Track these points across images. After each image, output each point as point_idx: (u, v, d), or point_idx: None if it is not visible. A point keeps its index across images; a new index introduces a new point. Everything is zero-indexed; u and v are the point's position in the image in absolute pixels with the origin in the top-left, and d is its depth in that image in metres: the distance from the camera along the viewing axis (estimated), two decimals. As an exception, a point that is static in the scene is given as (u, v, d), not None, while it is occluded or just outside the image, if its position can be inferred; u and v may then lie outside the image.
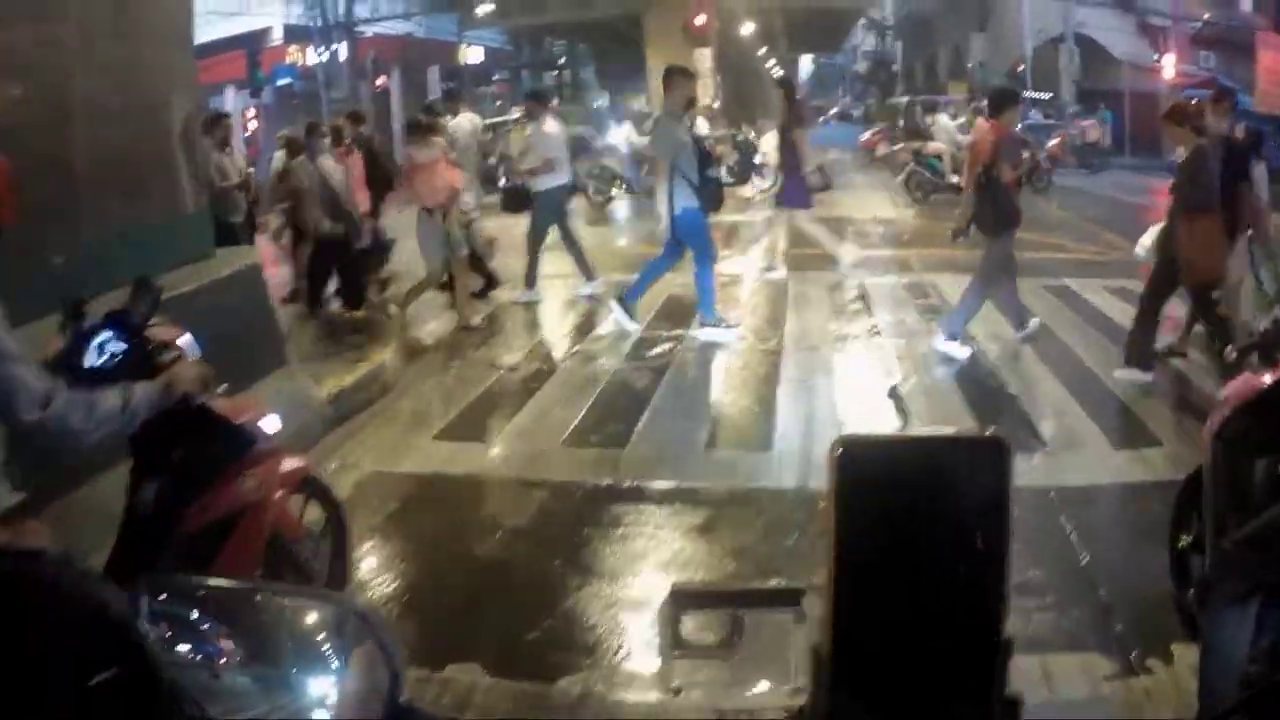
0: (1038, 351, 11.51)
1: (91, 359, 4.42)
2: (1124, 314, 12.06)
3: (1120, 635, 5.60)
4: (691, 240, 12.44)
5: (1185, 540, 5.45)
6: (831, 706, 1.75)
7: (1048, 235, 19.03)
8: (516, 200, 15.68)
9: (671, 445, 9.03)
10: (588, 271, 15.00)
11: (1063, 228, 21.27)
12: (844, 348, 12.15)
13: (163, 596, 2.91)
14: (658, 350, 11.97)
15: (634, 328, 12.70)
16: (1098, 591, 6.18)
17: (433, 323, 13.39)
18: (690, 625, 1.87)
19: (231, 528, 4.73)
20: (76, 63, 8.03)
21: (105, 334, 4.50)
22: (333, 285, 13.96)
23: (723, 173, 16.88)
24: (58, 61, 7.81)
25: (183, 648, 2.75)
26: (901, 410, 2.57)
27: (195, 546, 4.57)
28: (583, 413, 9.85)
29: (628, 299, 12.81)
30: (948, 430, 2.05)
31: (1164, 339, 10.88)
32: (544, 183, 14.63)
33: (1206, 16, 49.49)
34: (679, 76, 12.86)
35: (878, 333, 12.80)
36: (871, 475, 1.73)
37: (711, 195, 12.64)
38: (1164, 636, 5.32)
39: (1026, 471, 7.94)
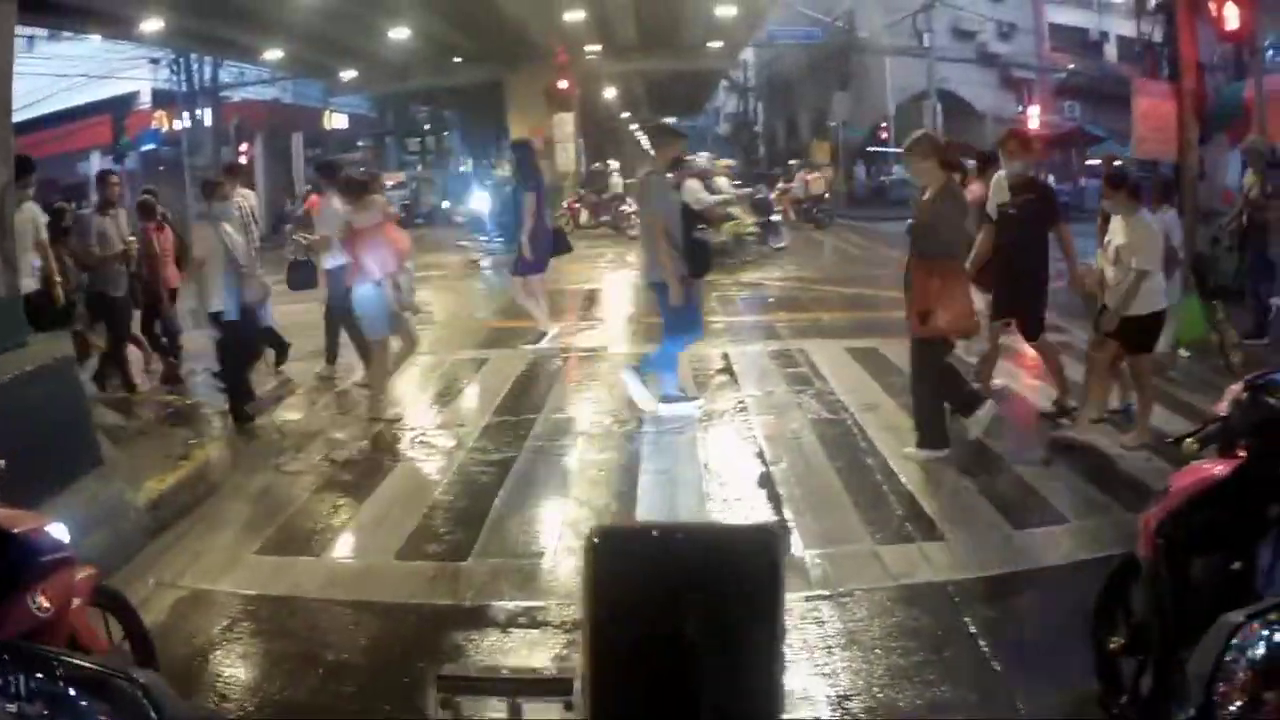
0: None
1: None
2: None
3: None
4: (665, 309, 11.61)
5: (1115, 642, 4.90)
6: None
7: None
8: (300, 276, 14.68)
9: (519, 555, 8.00)
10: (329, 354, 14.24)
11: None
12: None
13: None
14: (505, 437, 11.01)
15: (692, 407, 11.73)
16: (1015, 707, 5.49)
17: (270, 407, 12.45)
18: (466, 712, 1.78)
19: None
20: None
21: None
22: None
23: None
24: None
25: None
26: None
27: None
28: (419, 519, 8.81)
29: (664, 373, 11.80)
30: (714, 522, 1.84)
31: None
32: (327, 261, 13.52)
33: (1071, 66, 50.63)
34: (669, 135, 12.26)
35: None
36: (627, 566, 1.66)
37: (699, 258, 11.75)
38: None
39: (921, 565, 7.40)
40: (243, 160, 48.78)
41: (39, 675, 2.84)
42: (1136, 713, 4.62)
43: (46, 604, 4.41)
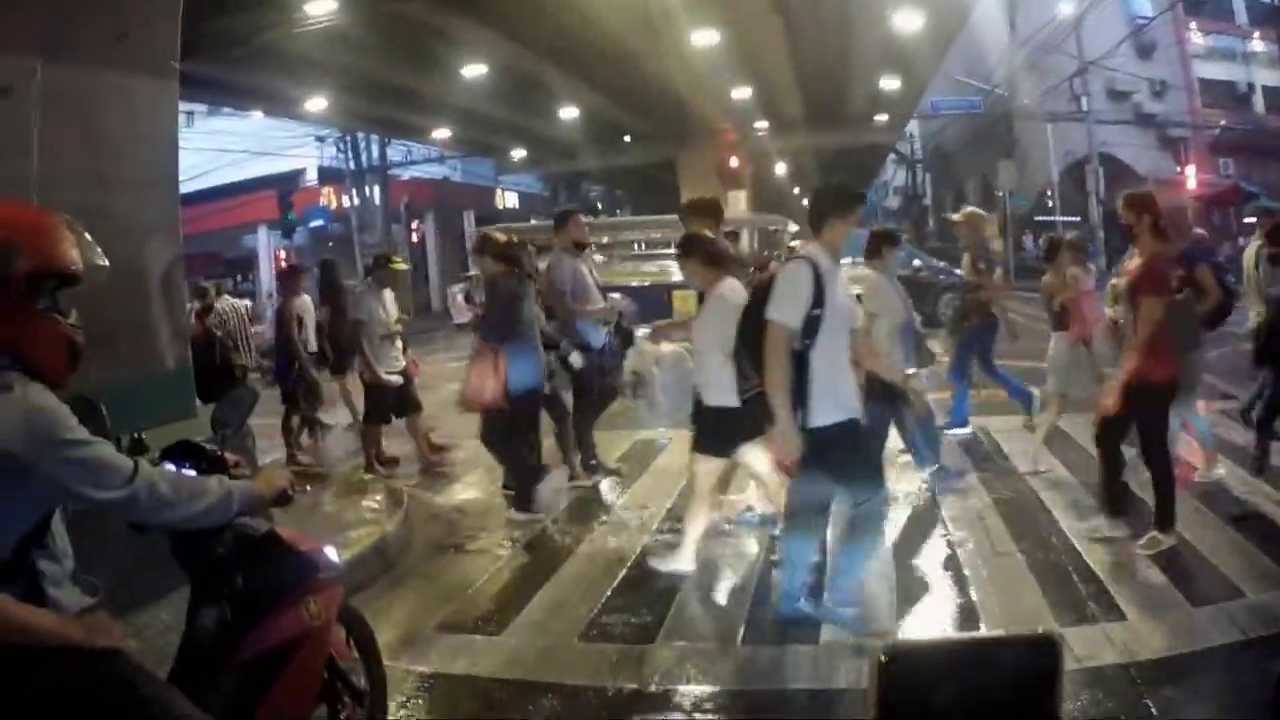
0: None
1: None
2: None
3: None
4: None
5: None
6: None
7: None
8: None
9: (705, 638, 7.96)
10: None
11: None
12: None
13: None
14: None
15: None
16: None
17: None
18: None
19: (289, 653, 4.75)
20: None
21: (174, 462, 4.70)
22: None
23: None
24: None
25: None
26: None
27: (252, 672, 4.61)
28: (604, 600, 8.85)
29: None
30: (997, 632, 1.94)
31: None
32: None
33: (1223, 122, 49.77)
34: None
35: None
36: (917, 682, 1.66)
37: None
38: None
39: (1104, 646, 7.41)
40: (414, 238, 49.81)
41: None
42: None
43: (318, 613, 4.93)
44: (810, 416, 7.40)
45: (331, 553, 5.31)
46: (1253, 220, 23.55)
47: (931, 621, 8.08)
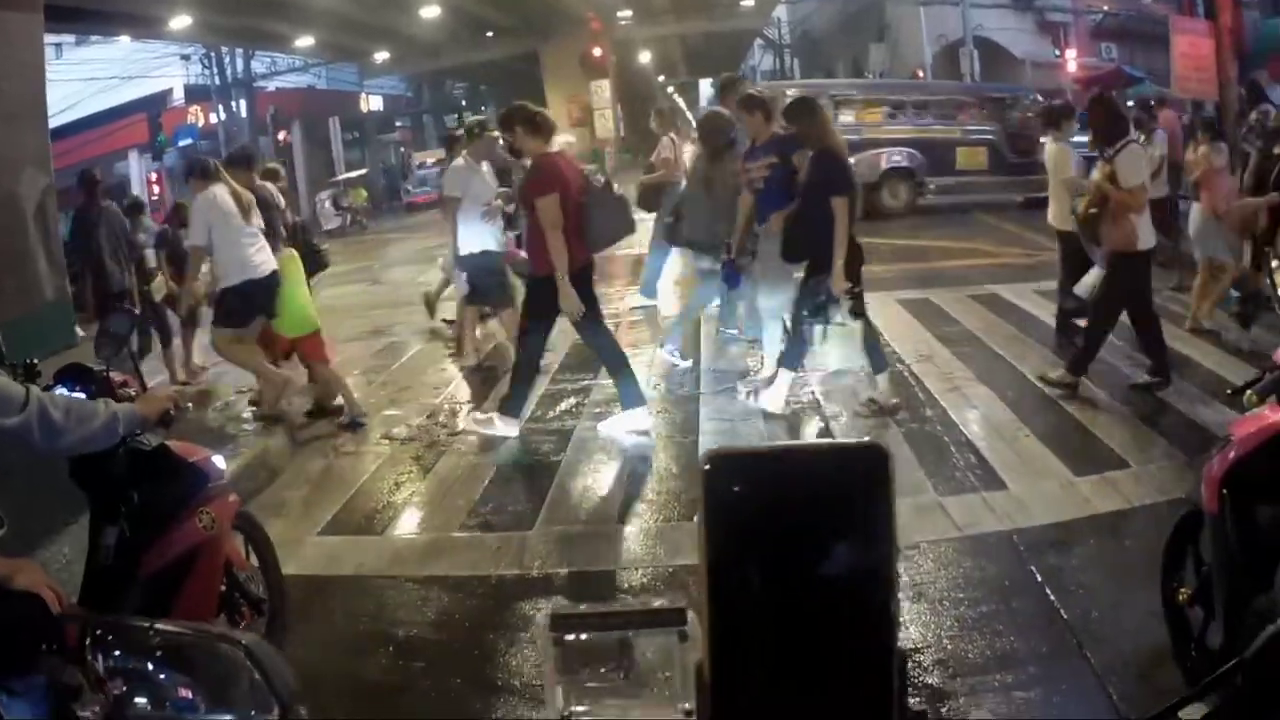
0: (975, 371, 10.87)
1: None
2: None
3: (1120, 709, 4.88)
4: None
5: (1184, 594, 4.84)
6: None
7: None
8: None
9: (582, 521, 8.04)
10: None
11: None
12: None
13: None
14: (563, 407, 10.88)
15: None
16: (1086, 657, 5.38)
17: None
18: (576, 650, 1.73)
19: (190, 565, 4.85)
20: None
21: (65, 386, 4.75)
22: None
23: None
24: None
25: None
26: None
27: (156, 585, 4.67)
28: (481, 491, 8.76)
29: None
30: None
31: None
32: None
33: (1107, 8, 50.00)
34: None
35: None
36: (742, 489, 1.63)
37: None
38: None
39: (984, 515, 7.36)
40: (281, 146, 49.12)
41: (124, 650, 3.18)
42: (1206, 662, 4.53)
43: (212, 522, 5.00)
44: None
45: (219, 461, 5.48)
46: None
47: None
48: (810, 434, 9.54)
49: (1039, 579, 6.31)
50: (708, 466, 1.64)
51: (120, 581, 4.62)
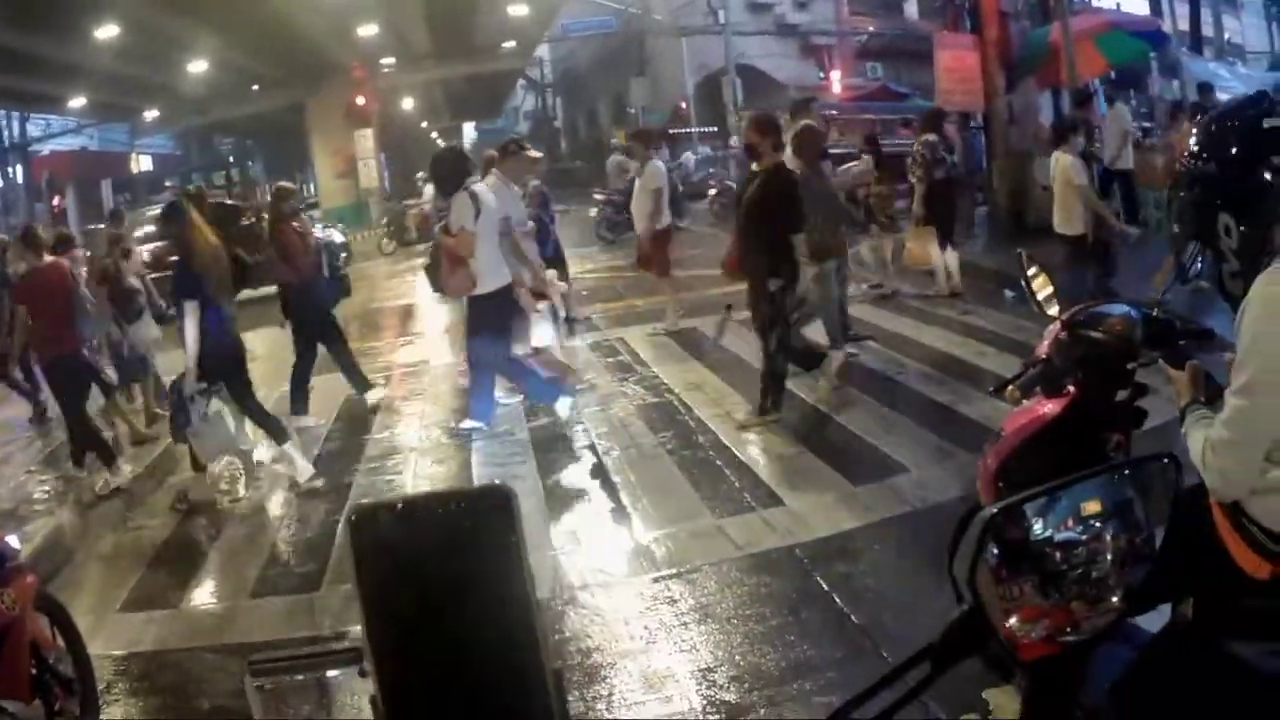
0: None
1: None
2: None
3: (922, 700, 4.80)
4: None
5: None
6: None
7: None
8: None
9: None
10: None
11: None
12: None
13: None
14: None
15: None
16: (881, 654, 5.47)
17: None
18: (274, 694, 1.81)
19: None
20: None
21: None
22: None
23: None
24: None
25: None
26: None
27: None
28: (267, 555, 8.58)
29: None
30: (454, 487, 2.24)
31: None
32: None
33: (871, 29, 51.23)
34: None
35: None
36: (385, 537, 1.78)
37: None
38: (972, 690, 4.54)
39: (765, 533, 7.40)
40: (57, 212, 47.64)
41: None
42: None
43: (13, 604, 4.94)
44: None
45: (13, 541, 5.47)
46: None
47: (587, 533, 8.03)
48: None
49: (825, 588, 6.36)
50: (353, 518, 1.93)
51: None
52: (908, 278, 15.63)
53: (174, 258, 10.25)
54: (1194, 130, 3.53)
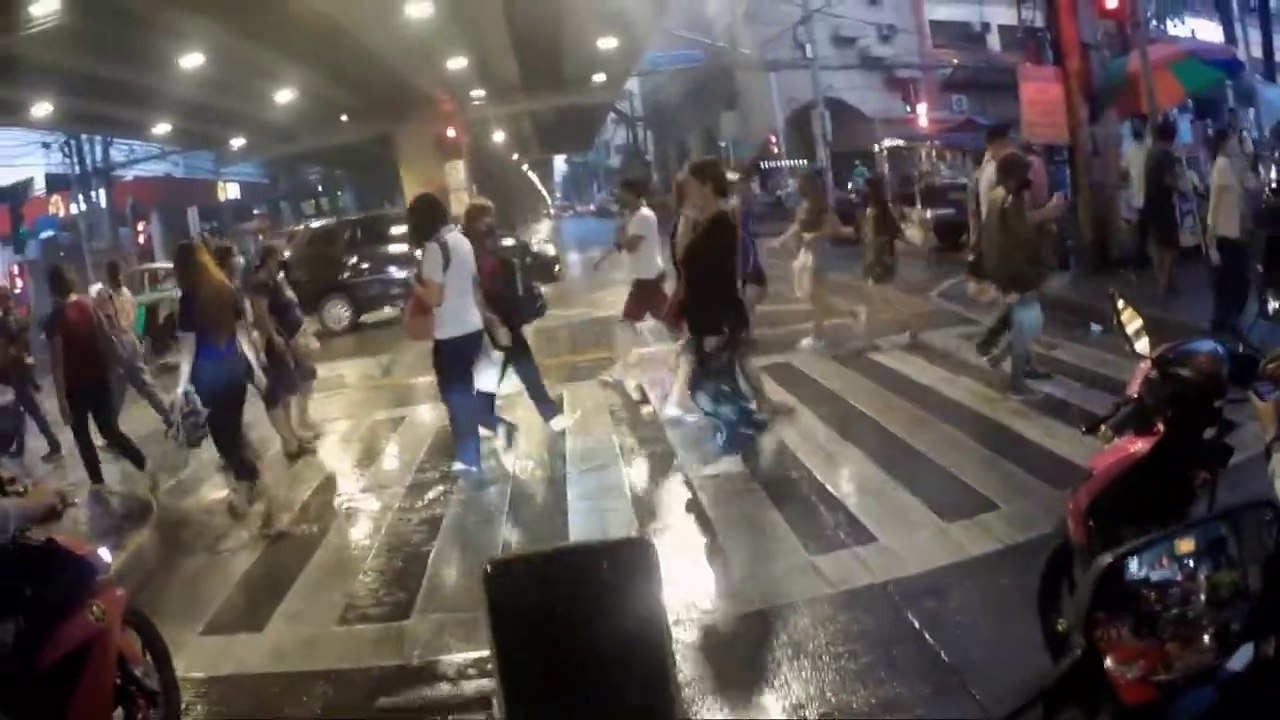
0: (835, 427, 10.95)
1: None
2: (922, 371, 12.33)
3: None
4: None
5: (1063, 624, 4.88)
6: None
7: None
8: None
9: (459, 608, 7.68)
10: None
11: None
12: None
13: None
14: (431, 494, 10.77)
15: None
16: (971, 695, 5.44)
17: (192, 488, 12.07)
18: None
19: (84, 658, 4.90)
20: None
21: None
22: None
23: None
24: None
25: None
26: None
27: (53, 682, 4.77)
28: (357, 581, 8.61)
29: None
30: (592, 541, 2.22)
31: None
32: None
33: (956, 61, 51.00)
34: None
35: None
36: (523, 591, 1.78)
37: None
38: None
39: (856, 570, 7.35)
40: (141, 239, 48.18)
41: None
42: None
43: (102, 614, 5.07)
44: None
45: (105, 554, 5.60)
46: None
47: (687, 564, 7.93)
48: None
49: (917, 626, 6.33)
50: (489, 570, 1.87)
51: (19, 677, 4.68)
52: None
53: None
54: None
